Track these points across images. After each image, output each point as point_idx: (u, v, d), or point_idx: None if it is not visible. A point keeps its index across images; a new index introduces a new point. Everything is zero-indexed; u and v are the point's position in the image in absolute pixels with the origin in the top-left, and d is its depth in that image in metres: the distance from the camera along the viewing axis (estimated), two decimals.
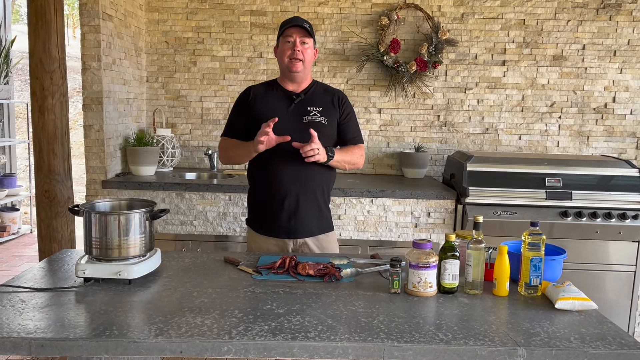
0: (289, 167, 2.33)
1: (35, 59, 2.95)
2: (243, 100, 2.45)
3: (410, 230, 3.40)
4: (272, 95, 2.42)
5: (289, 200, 2.35)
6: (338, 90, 2.52)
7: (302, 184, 2.36)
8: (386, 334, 1.53)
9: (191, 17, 3.98)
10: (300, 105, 2.39)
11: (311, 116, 2.37)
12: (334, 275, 1.96)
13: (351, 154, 2.43)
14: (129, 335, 1.47)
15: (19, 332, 1.48)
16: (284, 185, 2.34)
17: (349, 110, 2.48)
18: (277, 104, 2.39)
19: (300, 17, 2.39)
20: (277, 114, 2.28)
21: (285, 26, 2.35)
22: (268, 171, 2.37)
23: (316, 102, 2.41)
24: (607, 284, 3.31)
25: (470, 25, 3.97)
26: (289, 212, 2.36)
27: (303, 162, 2.27)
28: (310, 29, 2.36)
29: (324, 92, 2.47)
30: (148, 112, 4.07)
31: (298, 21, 2.35)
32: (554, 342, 1.51)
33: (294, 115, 2.37)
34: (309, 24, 2.37)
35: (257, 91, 2.45)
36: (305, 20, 2.38)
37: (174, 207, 3.37)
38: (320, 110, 2.39)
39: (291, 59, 2.34)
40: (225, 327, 1.54)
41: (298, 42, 2.33)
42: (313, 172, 2.36)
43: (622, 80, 4.00)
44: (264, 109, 2.37)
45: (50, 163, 3.04)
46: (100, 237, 1.87)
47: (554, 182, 3.29)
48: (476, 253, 1.85)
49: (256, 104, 2.40)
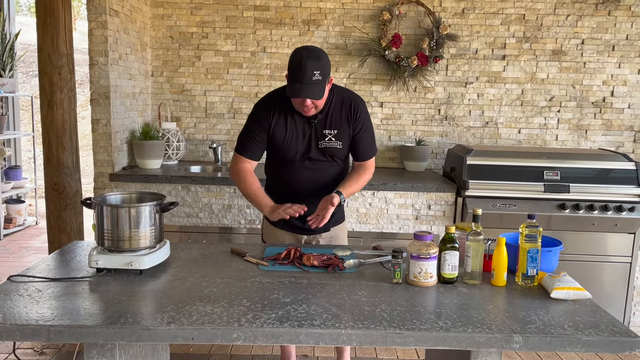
0: (306, 173, 2.41)
1: (44, 55, 3.00)
2: (264, 118, 2.35)
3: (412, 223, 3.47)
4: (290, 119, 2.34)
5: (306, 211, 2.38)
6: (355, 98, 2.40)
7: (319, 189, 2.42)
8: (388, 321, 1.59)
9: (195, 12, 4.02)
10: (317, 127, 2.35)
11: (326, 141, 2.36)
12: (338, 265, 2.03)
13: (358, 183, 2.44)
14: (142, 323, 1.54)
15: (38, 320, 1.54)
16: (301, 191, 2.41)
17: (364, 122, 2.39)
18: (294, 127, 2.34)
19: (310, 70, 2.12)
20: (295, 138, 2.33)
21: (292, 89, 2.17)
22: (286, 177, 2.43)
23: (333, 123, 2.35)
24: (603, 275, 3.38)
25: (471, 20, 4.01)
26: (304, 217, 2.36)
27: (319, 169, 2.39)
28: (320, 85, 2.17)
29: (340, 106, 2.36)
30: (153, 106, 4.12)
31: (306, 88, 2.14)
32: (548, 330, 1.57)
33: (311, 139, 2.36)
34: (320, 70, 2.14)
35: (276, 110, 2.33)
36: (315, 70, 2.13)
37: (180, 199, 3.43)
38: (336, 133, 2.35)
39: (302, 109, 2.26)
40: (234, 315, 1.61)
41: (309, 102, 2.21)
42: (329, 177, 2.45)
43: (621, 74, 4.05)
44: (282, 134, 2.34)
45: (59, 156, 3.10)
46: (112, 229, 1.94)
47: (552, 175, 3.35)
48: (475, 245, 1.92)
49: (276, 127, 2.34)
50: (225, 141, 4.14)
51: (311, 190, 2.42)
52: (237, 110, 4.13)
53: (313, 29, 4.02)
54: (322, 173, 2.43)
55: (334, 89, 2.38)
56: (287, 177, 2.43)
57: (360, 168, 2.48)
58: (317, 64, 2.14)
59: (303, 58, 2.14)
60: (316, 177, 2.43)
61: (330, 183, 2.45)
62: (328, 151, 2.38)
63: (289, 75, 2.19)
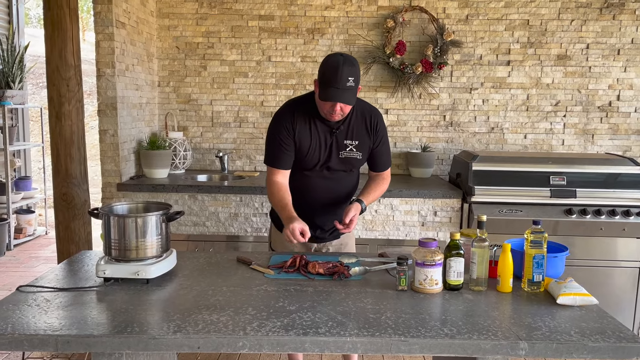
0: (323, 183, 2.43)
1: (52, 67, 3.05)
2: (289, 126, 2.34)
3: (418, 229, 3.47)
4: (313, 127, 2.35)
5: (317, 219, 2.42)
6: (373, 111, 2.43)
7: (333, 200, 2.45)
8: (393, 329, 1.59)
9: (201, 22, 4.06)
10: (339, 136, 2.36)
11: (347, 152, 2.38)
12: (343, 273, 2.03)
13: (376, 192, 2.49)
14: (149, 332, 1.55)
15: (46, 330, 1.56)
16: (314, 208, 2.42)
17: (382, 135, 2.44)
18: (317, 137, 2.35)
19: (345, 74, 2.14)
20: (317, 148, 2.35)
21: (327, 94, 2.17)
22: (302, 187, 2.44)
23: (354, 134, 2.37)
24: (612, 280, 3.36)
25: (475, 26, 4.02)
26: (317, 225, 2.42)
27: (336, 179, 2.42)
28: (354, 88, 2.18)
29: (361, 116, 2.38)
30: (160, 116, 4.16)
31: (340, 91, 2.15)
32: (554, 336, 1.57)
33: (332, 148, 2.38)
34: (355, 76, 2.17)
35: (298, 118, 2.34)
36: (350, 75, 2.15)
37: (187, 208, 3.46)
38: (357, 144, 2.38)
39: (330, 114, 2.25)
40: (240, 323, 1.61)
41: (338, 107, 2.21)
42: (344, 188, 2.48)
43: (627, 78, 4.04)
44: (307, 143, 2.35)
45: (68, 167, 3.13)
46: (119, 238, 1.96)
47: (558, 180, 3.34)
48: (480, 251, 1.92)
49: (300, 137, 2.35)
50: (232, 150, 4.17)
51: (326, 201, 2.44)
52: (243, 119, 4.15)
53: (318, 38, 4.05)
54: (338, 184, 2.46)
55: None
56: (303, 186, 2.44)
57: (378, 178, 2.53)
58: (352, 70, 2.18)
59: (340, 64, 2.16)
60: (332, 187, 2.45)
61: (345, 194, 2.49)
62: (348, 161, 2.40)
63: (323, 80, 2.19)
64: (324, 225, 2.47)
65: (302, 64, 4.08)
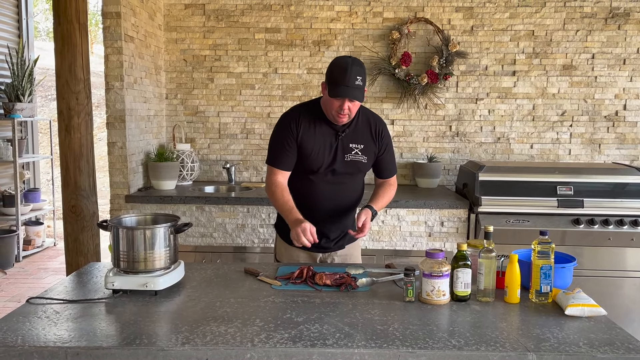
0: (328, 188, 2.44)
1: (62, 81, 3.09)
2: (292, 128, 2.38)
3: (425, 240, 3.47)
4: (318, 129, 2.38)
5: (321, 227, 2.41)
6: (378, 119, 2.49)
7: (337, 212, 2.47)
8: (401, 340, 1.59)
9: (208, 35, 4.11)
10: (343, 140, 2.39)
11: (352, 155, 2.41)
12: (350, 284, 2.04)
13: (385, 197, 2.52)
14: (157, 344, 1.56)
15: (55, 342, 1.57)
16: (318, 215, 2.42)
17: (387, 142, 2.48)
18: (322, 139, 2.38)
19: (354, 73, 2.20)
20: (323, 150, 2.38)
21: (336, 91, 2.22)
22: (307, 192, 2.45)
23: (358, 138, 2.41)
24: (621, 290, 3.33)
25: (480, 37, 4.04)
26: (321, 234, 2.40)
27: (338, 196, 2.44)
28: (362, 87, 2.23)
29: (366, 122, 2.43)
30: (168, 128, 4.20)
31: (350, 88, 2.20)
32: (563, 348, 1.56)
33: (338, 151, 2.40)
34: (362, 76, 2.22)
35: (303, 121, 2.38)
36: (358, 74, 2.21)
37: (195, 219, 3.47)
38: (362, 148, 2.41)
39: (338, 114, 2.28)
40: (247, 335, 1.62)
41: (346, 105, 2.26)
42: (349, 193, 2.49)
43: (633, 88, 4.04)
44: (311, 145, 2.37)
45: (77, 179, 3.16)
46: (128, 250, 1.97)
47: (565, 190, 3.34)
48: (487, 262, 1.92)
49: (304, 139, 2.37)
50: (239, 161, 4.19)
51: (331, 207, 2.45)
52: (250, 130, 4.18)
53: (323, 50, 4.08)
54: (343, 190, 2.47)
55: (359, 107, 2.43)
56: (309, 192, 2.44)
57: (385, 184, 2.57)
58: (360, 70, 2.24)
59: (348, 64, 2.23)
60: (338, 193, 2.46)
61: (350, 202, 2.50)
62: (353, 165, 2.42)
63: (332, 79, 2.25)
64: (330, 233, 2.47)
65: (308, 76, 4.12)
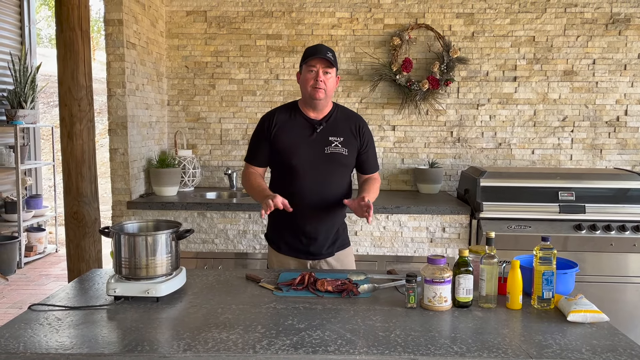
0: (314, 185, 2.43)
1: (64, 88, 3.10)
2: (266, 126, 2.48)
3: (426, 246, 3.46)
4: (294, 123, 2.46)
5: (309, 227, 2.44)
6: (358, 117, 2.57)
7: (322, 212, 2.46)
8: (403, 347, 1.59)
9: (210, 42, 4.13)
10: (322, 134, 2.44)
11: (332, 147, 2.43)
12: (352, 291, 2.03)
13: (374, 189, 2.53)
14: (159, 351, 1.56)
15: (57, 349, 1.57)
16: (304, 214, 2.42)
17: (368, 138, 2.53)
18: (299, 132, 2.44)
19: (324, 46, 2.41)
20: (300, 143, 2.40)
21: (309, 57, 2.38)
22: (293, 190, 2.43)
23: (338, 131, 2.46)
24: (623, 296, 3.32)
25: (481, 43, 4.05)
26: (308, 237, 2.46)
27: (323, 192, 2.43)
28: (333, 58, 2.38)
29: (345, 119, 2.50)
30: (169, 134, 4.21)
31: (321, 52, 2.37)
32: (565, 354, 1.56)
33: (316, 144, 2.43)
34: (332, 52, 2.40)
35: (279, 118, 2.47)
36: (329, 49, 2.40)
37: (196, 225, 3.48)
38: (342, 140, 2.44)
39: (314, 88, 2.37)
40: (249, 341, 1.62)
41: (321, 73, 2.37)
42: (333, 194, 2.47)
43: (634, 93, 4.04)
44: (286, 138, 2.44)
45: (79, 186, 3.17)
46: (129, 257, 1.97)
47: (567, 195, 3.33)
48: (489, 268, 1.91)
49: (278, 133, 2.44)
50: (240, 167, 4.20)
51: (316, 204, 2.43)
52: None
53: None
54: (327, 186, 2.45)
55: (336, 105, 2.53)
56: (292, 189, 2.43)
57: (370, 179, 2.59)
58: (330, 49, 2.42)
59: (319, 44, 2.45)
60: (321, 190, 2.44)
61: (335, 199, 2.47)
62: (334, 158, 2.43)
63: (305, 55, 2.42)
64: (317, 234, 2.45)
65: None
